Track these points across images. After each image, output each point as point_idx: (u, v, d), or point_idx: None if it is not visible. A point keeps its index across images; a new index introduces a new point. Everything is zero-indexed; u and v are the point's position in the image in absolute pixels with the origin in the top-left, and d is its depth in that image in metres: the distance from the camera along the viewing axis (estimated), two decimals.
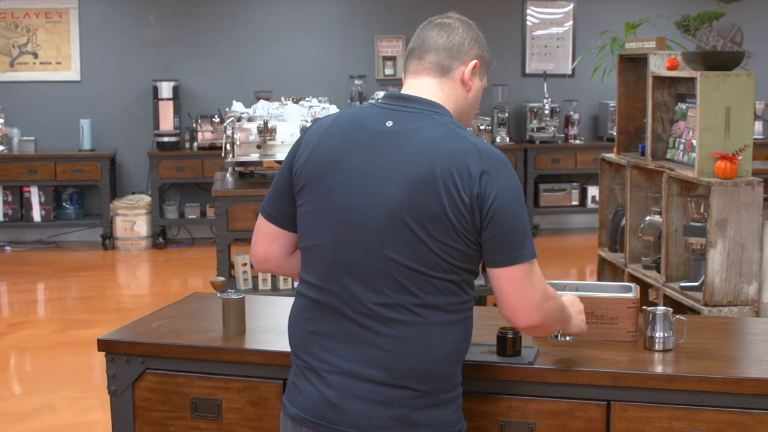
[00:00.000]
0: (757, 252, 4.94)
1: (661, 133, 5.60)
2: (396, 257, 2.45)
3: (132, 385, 3.17)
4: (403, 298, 2.46)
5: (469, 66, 2.64)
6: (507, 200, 2.45)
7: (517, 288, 2.48)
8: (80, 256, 10.31)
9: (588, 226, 11.45)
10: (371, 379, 2.48)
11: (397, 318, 2.47)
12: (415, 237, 2.44)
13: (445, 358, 2.51)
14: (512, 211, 2.46)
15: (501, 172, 2.46)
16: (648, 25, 8.15)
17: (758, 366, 2.91)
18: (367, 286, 2.48)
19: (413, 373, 2.47)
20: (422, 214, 2.43)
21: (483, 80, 2.71)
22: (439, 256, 2.45)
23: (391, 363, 2.47)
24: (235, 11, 11.03)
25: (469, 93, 2.66)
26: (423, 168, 2.43)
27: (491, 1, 11.39)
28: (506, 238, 2.45)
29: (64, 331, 7.34)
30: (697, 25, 5.23)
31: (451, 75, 2.62)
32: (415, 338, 2.47)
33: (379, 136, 2.51)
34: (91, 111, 10.73)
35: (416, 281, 2.46)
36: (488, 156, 2.46)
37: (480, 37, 2.69)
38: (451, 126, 2.53)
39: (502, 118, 11.10)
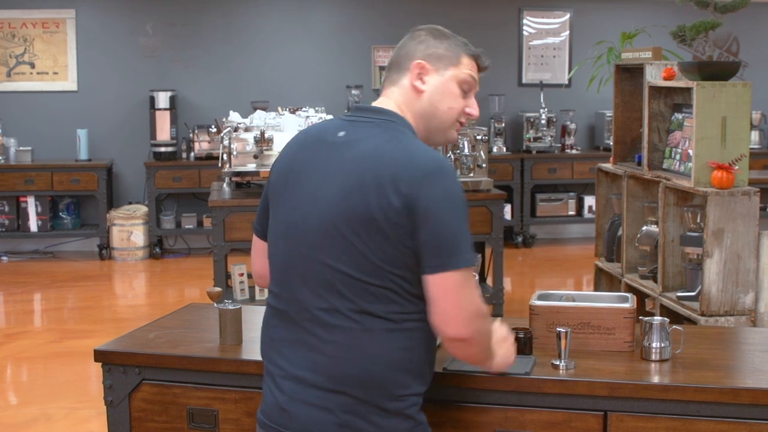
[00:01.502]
0: (754, 262, 4.95)
1: (658, 142, 5.61)
2: (333, 264, 2.50)
3: (128, 396, 3.17)
4: (341, 304, 2.50)
5: (412, 71, 2.66)
6: (440, 205, 2.43)
7: (450, 296, 2.45)
8: (77, 266, 10.29)
9: (585, 236, 11.46)
10: (315, 385, 2.52)
11: (337, 324, 2.50)
12: (349, 243, 2.48)
13: (387, 367, 2.50)
14: (445, 217, 2.44)
15: (436, 178, 2.45)
16: (644, 35, 8.17)
17: (755, 376, 2.91)
18: (311, 293, 2.53)
19: (352, 380, 2.49)
20: (355, 221, 2.46)
21: (447, 74, 2.68)
22: (374, 263, 2.46)
23: (331, 369, 2.51)
24: (232, 22, 11.04)
25: (423, 95, 2.66)
26: (357, 175, 2.48)
27: (488, 12, 11.41)
28: (438, 244, 2.44)
29: (61, 342, 7.32)
30: (693, 35, 5.23)
31: (403, 84, 2.68)
32: (354, 345, 2.49)
33: (329, 146, 2.59)
34: (88, 121, 10.73)
35: (353, 288, 2.48)
36: (424, 162, 2.46)
37: (430, 39, 2.70)
38: (394, 133, 2.56)
39: (498, 128, 11.11)
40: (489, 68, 2.78)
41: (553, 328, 3.10)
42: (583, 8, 11.62)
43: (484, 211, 6.89)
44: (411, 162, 2.46)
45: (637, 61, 5.92)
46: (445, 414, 2.90)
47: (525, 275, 9.96)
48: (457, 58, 2.69)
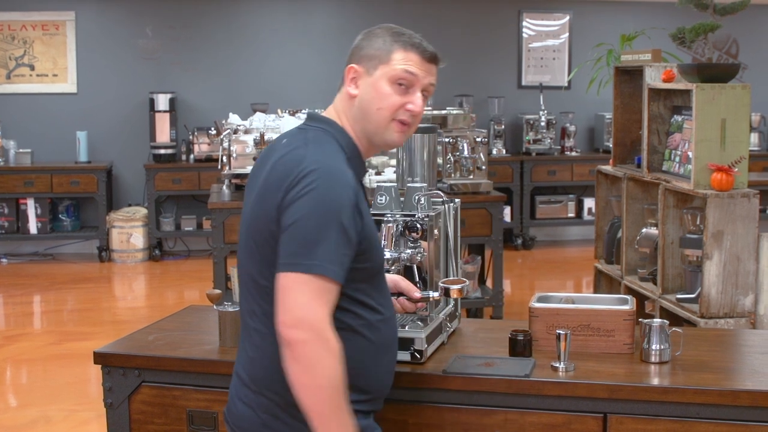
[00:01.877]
0: (753, 264, 4.95)
1: (657, 145, 5.61)
2: (248, 270, 2.58)
3: (128, 398, 3.17)
4: (255, 308, 2.56)
5: (347, 77, 2.66)
6: (302, 204, 2.39)
7: (286, 296, 2.37)
8: (76, 268, 10.29)
9: (584, 238, 11.46)
10: (245, 384, 2.60)
11: (256, 327, 2.57)
12: (256, 250, 2.53)
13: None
14: (303, 221, 2.38)
15: (312, 179, 2.40)
16: (643, 38, 8.17)
17: (754, 378, 2.91)
18: (242, 297, 2.62)
19: (266, 382, 2.54)
20: (258, 228, 2.51)
21: (376, 73, 2.62)
22: (269, 268, 2.47)
23: (252, 369, 2.58)
24: (231, 24, 11.04)
25: (355, 98, 2.64)
26: (262, 184, 2.52)
27: (487, 14, 11.42)
28: (287, 242, 2.40)
29: (60, 344, 7.32)
30: (692, 38, 5.23)
31: (342, 90, 2.69)
32: (266, 347, 2.53)
33: (270, 155, 2.62)
34: (88, 123, 10.73)
35: (262, 293, 2.53)
36: (310, 164, 2.43)
37: (366, 40, 2.68)
38: (306, 140, 2.55)
39: (498, 130, 11.12)
40: (440, 58, 2.67)
41: (553, 330, 3.10)
42: (582, 10, 11.62)
43: (483, 213, 6.89)
44: (296, 165, 2.45)
45: (636, 63, 5.92)
46: (445, 416, 2.90)
47: (525, 277, 9.96)
48: (388, 55, 2.61)
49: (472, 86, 11.29)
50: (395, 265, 2.94)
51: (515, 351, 3.09)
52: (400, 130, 2.63)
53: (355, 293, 2.53)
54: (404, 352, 2.94)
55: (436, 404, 2.89)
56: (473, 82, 11.32)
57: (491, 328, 3.50)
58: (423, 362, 2.97)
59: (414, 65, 2.61)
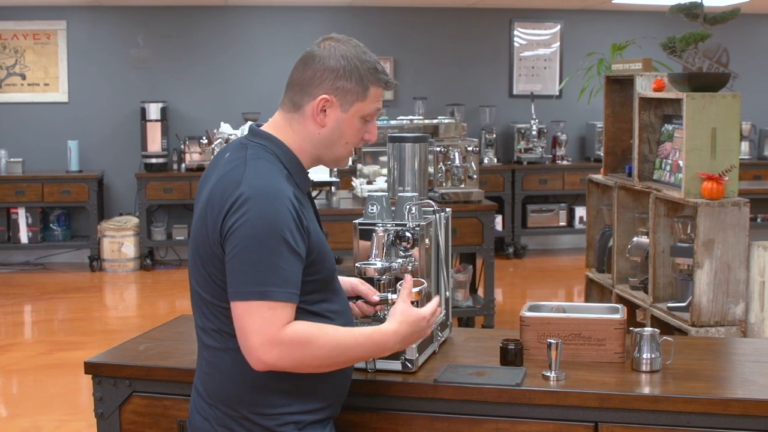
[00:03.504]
0: (744, 272, 4.96)
1: (648, 154, 5.62)
2: (195, 286, 2.60)
3: (119, 408, 3.15)
4: (207, 324, 2.58)
5: (317, 101, 2.56)
6: (238, 232, 2.39)
7: (241, 325, 2.40)
8: (67, 277, 10.28)
9: (575, 247, 11.48)
10: (201, 397, 2.63)
11: (206, 342, 2.61)
12: (199, 267, 2.54)
13: (244, 386, 2.52)
14: (244, 246, 2.38)
15: (245, 204, 2.39)
16: (634, 47, 8.18)
17: (745, 387, 2.91)
18: (194, 312, 2.64)
19: (219, 395, 2.57)
20: (200, 245, 2.51)
21: (351, 110, 2.58)
22: (216, 286, 2.49)
23: (206, 383, 2.61)
24: (223, 33, 11.05)
25: (324, 129, 2.58)
26: (203, 201, 2.52)
27: (478, 23, 11.43)
28: (232, 270, 2.41)
29: (51, 353, 7.30)
30: (682, 47, 5.25)
31: (302, 111, 2.59)
32: (216, 362, 2.57)
33: (213, 170, 2.60)
34: (79, 132, 10.72)
35: (209, 309, 2.56)
36: (242, 188, 2.41)
37: (341, 66, 2.56)
38: (250, 158, 2.51)
39: (489, 139, 11.13)
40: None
41: (544, 339, 3.10)
42: (573, 20, 11.65)
43: (475, 222, 6.89)
44: (234, 188, 2.43)
45: (627, 72, 5.93)
46: (436, 426, 2.90)
47: (516, 286, 9.97)
48: (365, 92, 2.58)
49: (464, 95, 11.30)
50: (386, 275, 2.93)
51: (506, 360, 3.09)
52: (351, 153, 2.71)
53: (308, 305, 2.53)
54: (395, 362, 2.93)
55: (427, 414, 2.89)
56: (464, 92, 11.34)
57: (482, 337, 3.50)
58: (414, 372, 2.96)
59: (380, 99, 2.65)
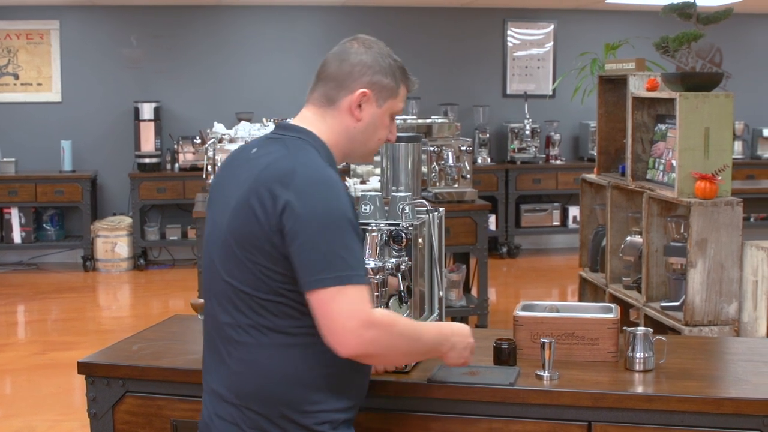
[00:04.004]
0: (737, 272, 4.96)
1: (641, 153, 5.63)
2: (230, 280, 2.52)
3: (112, 408, 3.15)
4: (241, 320, 2.51)
5: (356, 95, 2.61)
6: (311, 220, 2.39)
7: (327, 313, 2.38)
8: (61, 277, 10.26)
9: (569, 246, 11.48)
10: (226, 400, 2.54)
11: (239, 339, 2.52)
12: (239, 259, 2.49)
13: (285, 382, 2.48)
14: (316, 232, 2.39)
15: (314, 193, 2.41)
16: (627, 46, 8.18)
17: (738, 386, 2.92)
18: (219, 308, 2.56)
19: (255, 395, 2.50)
20: (242, 238, 2.47)
21: (384, 106, 2.66)
22: (262, 278, 2.46)
23: (236, 384, 2.53)
24: (216, 32, 11.03)
25: (359, 123, 2.63)
26: (245, 192, 2.48)
27: (472, 22, 11.43)
28: (309, 260, 2.39)
29: (44, 354, 7.29)
30: (676, 47, 5.25)
31: (337, 105, 2.62)
32: (252, 360, 2.50)
33: (239, 164, 2.60)
34: (72, 132, 10.71)
35: (247, 303, 2.50)
36: (304, 175, 2.43)
37: (377, 62, 2.64)
38: (293, 150, 2.52)
39: (483, 139, 11.14)
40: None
41: (537, 338, 3.10)
42: (566, 19, 11.65)
43: (468, 222, 6.89)
44: (292, 175, 2.43)
45: (620, 72, 5.94)
46: (429, 425, 2.90)
47: (509, 286, 9.97)
48: (397, 89, 2.67)
49: (457, 95, 11.30)
50: (379, 275, 2.93)
51: (500, 360, 3.09)
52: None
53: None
54: None
55: (421, 413, 2.89)
56: (458, 91, 11.34)
57: (476, 336, 3.49)
58: (407, 371, 2.96)
59: (405, 100, 2.75)
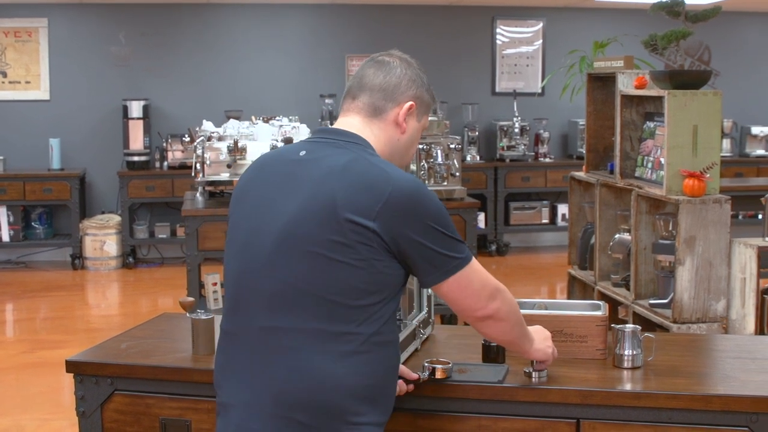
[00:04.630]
0: (725, 269, 4.98)
1: (630, 151, 5.64)
2: (289, 279, 2.44)
3: (101, 407, 3.15)
4: (293, 323, 2.44)
5: (404, 108, 2.63)
6: (425, 226, 2.43)
7: (462, 295, 2.53)
8: (49, 276, 10.24)
9: (558, 244, 11.49)
10: (263, 410, 2.45)
11: (294, 345, 2.43)
12: (310, 258, 2.41)
13: (341, 391, 2.42)
14: (426, 238, 2.44)
15: (413, 203, 2.43)
16: (616, 44, 8.21)
17: (726, 383, 2.92)
18: (263, 312, 2.47)
19: (300, 404, 2.42)
20: (319, 237, 2.40)
21: (421, 121, 2.70)
22: (338, 277, 2.40)
23: (284, 393, 2.44)
24: (205, 30, 11.02)
25: (403, 135, 2.65)
26: (324, 192, 2.42)
27: (461, 20, 11.44)
28: (431, 260, 2.46)
29: (33, 352, 7.28)
30: (664, 44, 5.26)
31: (384, 116, 2.62)
32: (309, 367, 2.42)
33: (289, 164, 2.55)
34: (61, 130, 10.68)
35: (308, 305, 2.42)
36: (399, 183, 2.43)
37: (419, 77, 2.68)
38: (362, 153, 2.51)
39: (472, 137, 11.14)
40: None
41: None
42: (556, 17, 11.66)
43: (457, 220, 6.89)
44: (387, 183, 2.41)
45: (609, 70, 5.95)
46: (418, 423, 2.90)
47: None
48: (429, 107, 2.73)
49: (446, 93, 11.30)
50: None
51: (488, 357, 3.09)
52: None
53: (395, 302, 2.55)
54: None
55: (410, 411, 2.89)
56: (447, 89, 11.33)
57: (465, 334, 3.50)
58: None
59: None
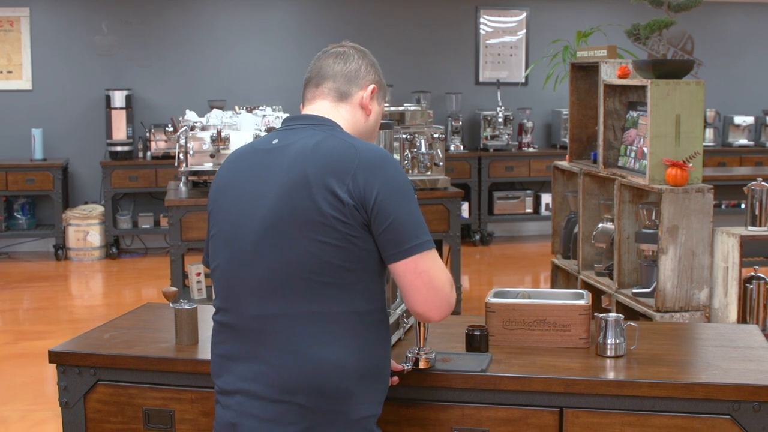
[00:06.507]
0: (708, 258, 4.99)
1: (613, 140, 5.65)
2: (276, 265, 2.47)
3: (84, 397, 3.14)
4: (288, 308, 2.47)
5: (368, 90, 2.70)
6: (392, 196, 2.45)
7: (421, 281, 2.46)
8: (32, 266, 10.20)
9: (542, 234, 11.51)
10: (261, 396, 2.48)
11: (287, 330, 2.47)
12: (293, 241, 2.45)
13: (339, 373, 2.46)
14: (397, 206, 2.45)
15: (383, 169, 2.47)
16: (599, 34, 8.21)
17: (708, 371, 2.94)
18: (256, 299, 2.50)
19: (298, 387, 2.45)
20: (299, 218, 2.44)
21: (381, 105, 2.77)
22: (320, 258, 2.43)
23: (277, 377, 2.47)
24: (188, 20, 10.98)
25: (369, 116, 2.72)
26: (297, 173, 2.47)
27: (444, 10, 11.43)
28: (397, 231, 2.45)
29: (16, 343, 7.26)
30: (647, 34, 5.27)
31: (350, 100, 2.69)
32: (304, 350, 2.46)
33: (263, 153, 2.59)
34: (43, 120, 10.63)
35: (300, 288, 2.46)
36: (366, 153, 2.48)
37: (375, 64, 2.76)
38: (331, 132, 2.56)
39: (455, 127, 11.14)
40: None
41: (510, 325, 3.11)
42: (539, 7, 11.67)
43: (441, 209, 6.90)
44: (355, 155, 2.47)
45: (592, 59, 5.95)
46: (401, 412, 2.90)
47: (483, 273, 10.00)
48: (386, 92, 2.81)
49: (430, 82, 11.31)
50: None
51: (471, 346, 3.10)
52: None
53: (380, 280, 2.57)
54: None
55: (393, 400, 2.89)
56: (431, 79, 11.34)
57: (448, 323, 3.50)
58: None
59: None
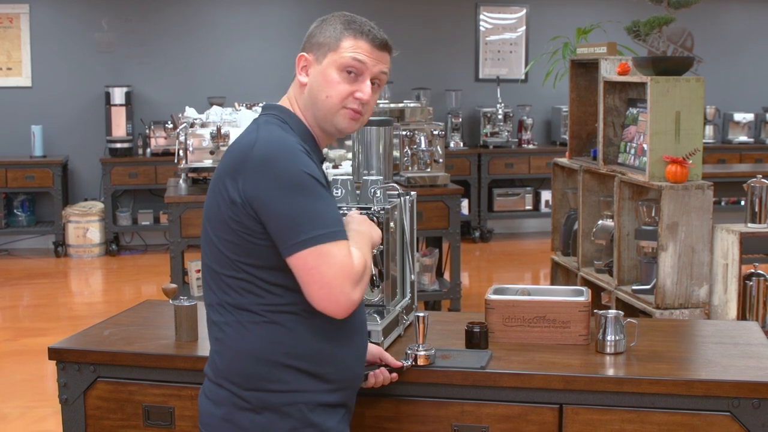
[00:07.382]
0: (708, 255, 4.99)
1: (613, 137, 5.65)
2: (205, 260, 2.59)
3: (83, 394, 3.14)
4: (214, 299, 2.57)
5: (297, 65, 2.64)
6: (274, 193, 2.40)
7: (314, 276, 2.40)
8: (32, 263, 10.21)
9: (541, 230, 11.51)
10: (208, 377, 2.61)
11: (215, 319, 2.58)
12: (209, 238, 2.55)
13: (253, 360, 2.50)
14: (282, 204, 2.40)
15: (267, 167, 2.42)
16: (599, 31, 8.21)
17: (708, 368, 2.94)
18: (205, 290, 2.63)
19: (226, 373, 2.54)
20: (211, 216, 2.53)
21: (323, 63, 2.59)
22: (225, 255, 2.50)
23: (212, 362, 2.60)
24: (188, 17, 10.98)
25: (305, 86, 2.62)
26: (216, 172, 2.57)
27: (444, 7, 11.43)
28: (285, 228, 2.41)
29: (16, 340, 7.26)
30: (647, 31, 5.27)
31: (295, 78, 2.67)
32: (222, 337, 2.55)
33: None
34: (43, 117, 10.63)
35: (217, 282, 2.55)
36: (258, 151, 2.44)
37: (318, 28, 2.63)
38: (260, 119, 2.60)
39: (455, 123, 11.14)
40: (391, 46, 2.66)
41: (509, 322, 3.11)
42: (539, 4, 11.67)
43: (441, 206, 6.90)
44: (246, 153, 2.46)
45: (592, 56, 5.95)
46: (401, 409, 2.91)
47: (482, 270, 10.00)
48: (337, 43, 2.58)
49: (430, 79, 11.30)
50: None
51: (471, 343, 3.10)
52: (351, 117, 2.60)
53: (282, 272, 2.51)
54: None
55: (393, 396, 2.89)
56: (430, 75, 11.34)
57: (448, 320, 3.51)
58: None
59: (363, 53, 2.58)
